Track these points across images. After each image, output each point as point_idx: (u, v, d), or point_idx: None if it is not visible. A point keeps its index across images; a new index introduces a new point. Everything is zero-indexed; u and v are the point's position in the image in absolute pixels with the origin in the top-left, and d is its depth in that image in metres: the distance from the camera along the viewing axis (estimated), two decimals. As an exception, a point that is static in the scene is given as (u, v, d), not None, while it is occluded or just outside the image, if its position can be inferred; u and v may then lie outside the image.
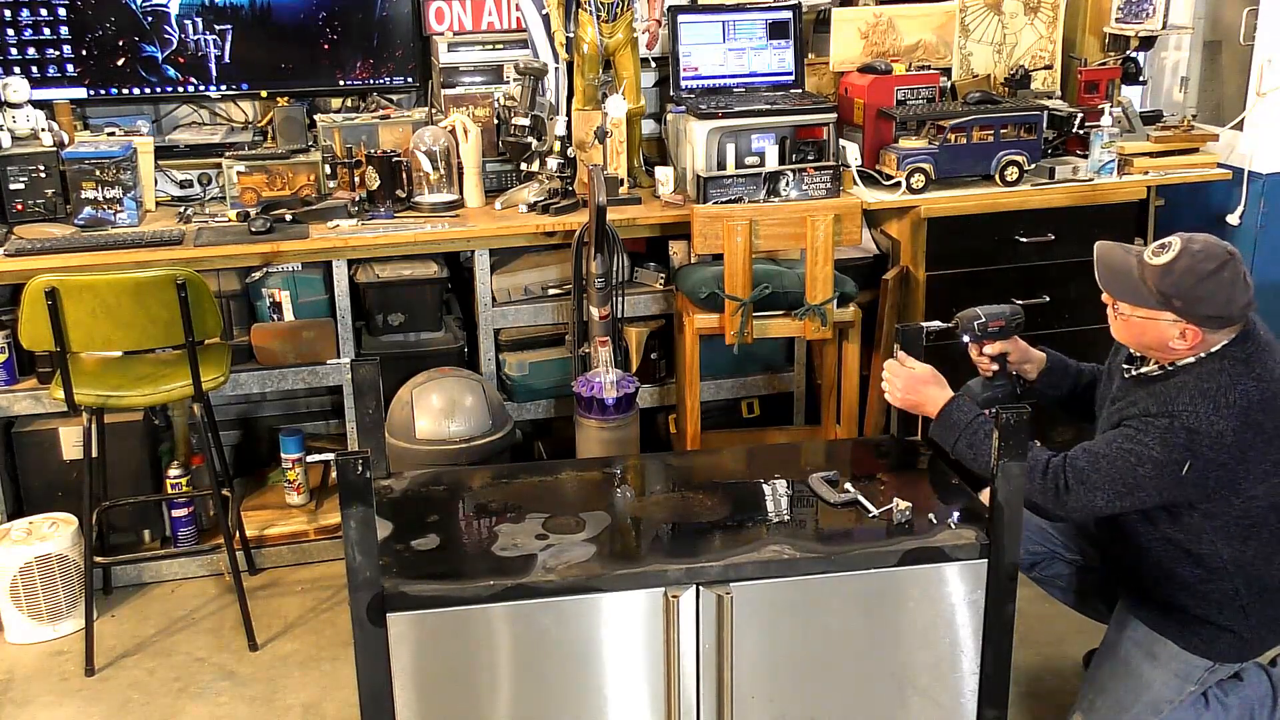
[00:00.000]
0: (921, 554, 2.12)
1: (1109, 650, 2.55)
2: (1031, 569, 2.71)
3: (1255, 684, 2.56)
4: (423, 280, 3.57)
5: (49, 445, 3.43)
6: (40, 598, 3.24)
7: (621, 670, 2.10)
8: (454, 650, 2.05)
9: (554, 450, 3.79)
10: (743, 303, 3.32)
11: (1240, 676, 2.54)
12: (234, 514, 3.47)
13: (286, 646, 3.24)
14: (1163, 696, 2.47)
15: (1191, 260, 2.24)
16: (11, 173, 3.45)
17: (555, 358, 3.69)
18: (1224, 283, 2.23)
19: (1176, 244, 2.27)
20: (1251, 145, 3.88)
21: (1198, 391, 2.24)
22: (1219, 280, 2.23)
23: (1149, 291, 2.27)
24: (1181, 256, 2.25)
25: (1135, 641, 2.49)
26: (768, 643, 2.12)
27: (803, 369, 3.94)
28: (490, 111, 3.80)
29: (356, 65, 3.86)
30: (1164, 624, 2.45)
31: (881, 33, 3.91)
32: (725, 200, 3.53)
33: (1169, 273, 2.25)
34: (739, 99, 3.78)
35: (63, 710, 3.00)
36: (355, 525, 1.93)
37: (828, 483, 2.33)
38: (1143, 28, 3.93)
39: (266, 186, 3.61)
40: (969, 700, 2.22)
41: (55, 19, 3.63)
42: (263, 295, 3.54)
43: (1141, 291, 2.28)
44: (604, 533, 2.17)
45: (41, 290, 2.90)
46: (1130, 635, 2.50)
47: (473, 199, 3.66)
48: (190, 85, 3.77)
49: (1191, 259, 2.24)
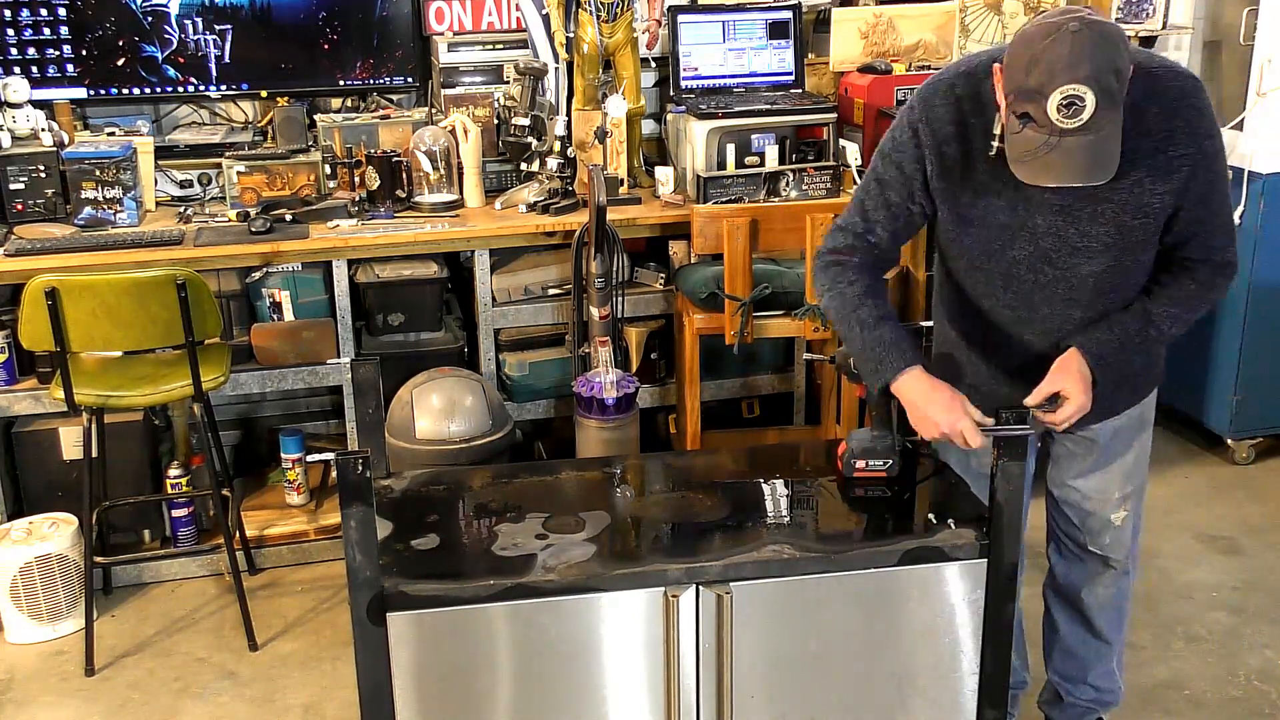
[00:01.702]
0: (921, 554, 2.12)
1: (1110, 459, 2.45)
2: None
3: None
4: (423, 280, 3.57)
5: (49, 445, 3.43)
6: (40, 598, 3.24)
7: (621, 670, 2.10)
8: (454, 650, 2.04)
9: (554, 450, 3.79)
10: (743, 303, 3.32)
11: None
12: (234, 514, 3.47)
13: (286, 646, 3.24)
14: (1148, 446, 2.48)
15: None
16: (11, 173, 3.45)
17: (555, 358, 3.69)
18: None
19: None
20: (1251, 145, 3.88)
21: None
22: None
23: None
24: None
25: (1126, 430, 2.43)
26: (768, 642, 2.12)
27: (803, 369, 3.94)
28: (490, 111, 3.80)
29: (356, 65, 3.86)
30: (1132, 389, 2.39)
31: (881, 33, 3.91)
32: (725, 200, 3.53)
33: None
34: (739, 99, 3.78)
35: (63, 710, 3.00)
36: (355, 525, 1.93)
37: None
38: (1143, 28, 3.93)
39: (266, 186, 3.61)
40: (969, 700, 2.22)
41: (55, 19, 3.63)
42: (263, 295, 3.54)
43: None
44: (604, 532, 2.17)
45: (41, 290, 2.90)
46: (1121, 430, 2.42)
47: (473, 199, 3.66)
48: (190, 85, 3.78)
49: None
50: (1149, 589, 3.42)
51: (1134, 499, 2.49)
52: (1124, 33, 1.95)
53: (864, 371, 2.26)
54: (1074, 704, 2.69)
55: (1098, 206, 2.12)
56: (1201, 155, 2.09)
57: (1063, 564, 2.61)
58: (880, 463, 2.33)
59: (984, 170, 2.14)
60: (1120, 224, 2.13)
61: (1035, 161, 1.95)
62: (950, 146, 2.15)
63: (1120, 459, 2.44)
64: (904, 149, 2.20)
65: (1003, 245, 2.20)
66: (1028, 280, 2.22)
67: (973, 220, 2.20)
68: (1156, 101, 2.05)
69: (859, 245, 2.26)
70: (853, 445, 2.34)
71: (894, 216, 2.24)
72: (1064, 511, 2.53)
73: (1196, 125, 2.08)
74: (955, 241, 2.26)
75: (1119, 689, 2.69)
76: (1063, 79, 1.87)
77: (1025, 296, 2.24)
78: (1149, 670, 3.10)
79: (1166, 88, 2.07)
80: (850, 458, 2.34)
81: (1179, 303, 2.22)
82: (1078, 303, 2.22)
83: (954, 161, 2.16)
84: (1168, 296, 2.23)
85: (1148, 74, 2.03)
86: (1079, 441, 2.43)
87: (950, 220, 2.23)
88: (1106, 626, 2.60)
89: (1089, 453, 2.44)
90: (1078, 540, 2.54)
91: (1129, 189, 2.09)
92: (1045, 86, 1.88)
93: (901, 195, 2.22)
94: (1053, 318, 2.25)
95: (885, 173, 2.23)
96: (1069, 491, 2.49)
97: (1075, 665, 2.66)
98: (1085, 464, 2.45)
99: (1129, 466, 2.45)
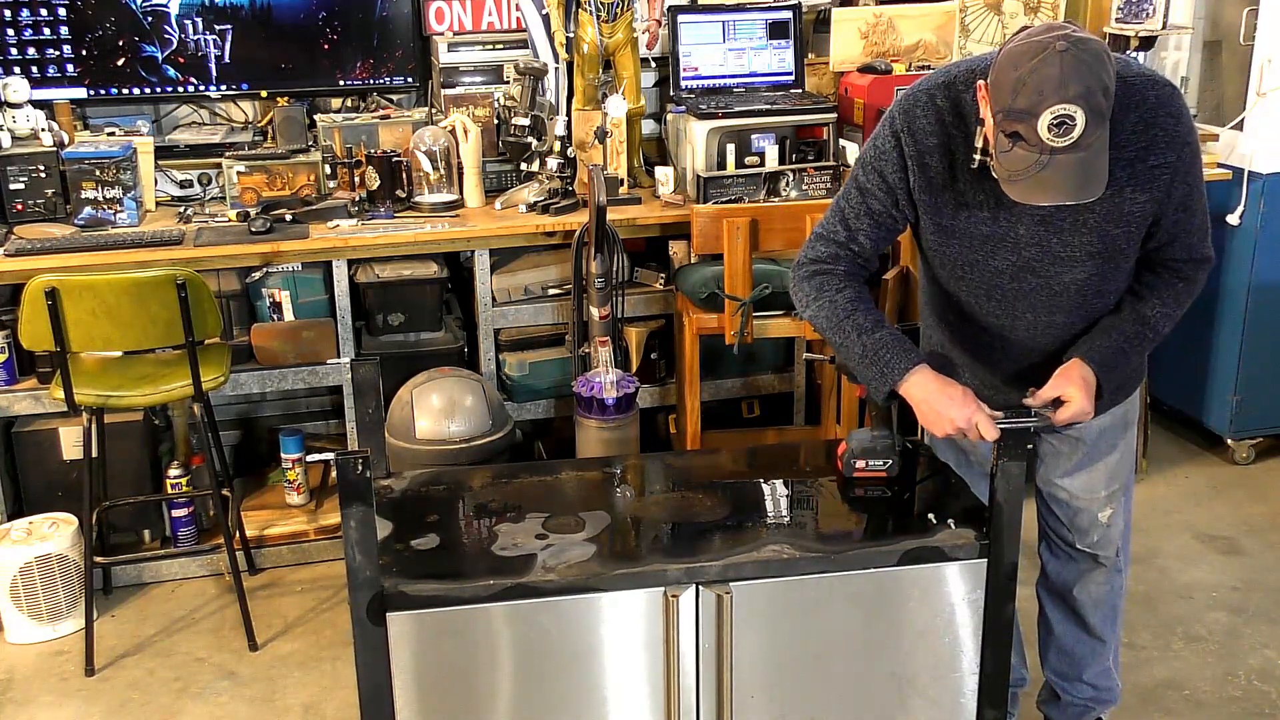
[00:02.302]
0: (921, 554, 2.12)
1: (1096, 457, 2.46)
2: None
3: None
4: (423, 280, 3.57)
5: (49, 445, 3.43)
6: (40, 598, 3.24)
7: (621, 670, 2.10)
8: (454, 650, 2.05)
9: (554, 450, 3.79)
10: (743, 303, 3.32)
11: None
12: (234, 514, 3.47)
13: (286, 646, 3.24)
14: (1133, 445, 2.51)
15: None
16: (11, 173, 3.45)
17: (555, 358, 3.69)
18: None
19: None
20: (1251, 145, 3.88)
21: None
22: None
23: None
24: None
25: (1111, 429, 2.44)
26: (768, 642, 2.12)
27: (803, 369, 3.94)
28: (490, 111, 3.80)
29: (356, 65, 3.86)
30: (1120, 389, 2.38)
31: (881, 33, 3.91)
32: (725, 200, 3.53)
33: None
34: (739, 99, 3.78)
35: (63, 710, 3.00)
36: (355, 525, 1.93)
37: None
38: (1143, 28, 3.93)
39: (266, 186, 3.61)
40: (968, 700, 2.22)
41: (55, 19, 3.63)
42: (263, 295, 3.54)
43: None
44: (604, 532, 2.17)
45: (41, 290, 2.90)
46: (1106, 430, 2.43)
47: (473, 199, 3.66)
48: (190, 85, 3.78)
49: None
50: (1149, 589, 3.42)
51: (1121, 496, 2.50)
52: (1107, 47, 1.96)
53: (866, 378, 2.25)
54: (1072, 703, 2.69)
55: (1080, 216, 2.13)
56: (1180, 162, 2.11)
57: (1055, 562, 2.61)
58: (880, 463, 2.34)
59: (965, 181, 2.15)
60: (1103, 233, 2.15)
61: (1027, 180, 1.96)
62: (932, 158, 2.15)
63: (1105, 458, 2.46)
64: (886, 158, 2.19)
65: (985, 255, 2.21)
66: (1010, 289, 2.23)
67: (954, 231, 2.21)
68: (1134, 111, 2.07)
69: (842, 254, 2.27)
70: (853, 445, 2.34)
71: (876, 224, 2.25)
72: (1053, 510, 2.54)
73: (1174, 132, 2.09)
74: (937, 251, 2.27)
75: (1117, 687, 2.69)
76: (1052, 100, 1.88)
77: (1008, 304, 2.26)
78: (1148, 670, 3.10)
79: (1144, 97, 2.08)
80: (850, 458, 2.34)
81: (1169, 302, 2.25)
82: (1060, 309, 2.24)
83: (936, 173, 2.16)
84: (1159, 298, 2.25)
85: (1125, 83, 2.04)
86: (1065, 440, 2.44)
87: (932, 230, 2.24)
88: (1100, 624, 2.61)
89: (1074, 451, 2.45)
90: (1066, 539, 2.54)
91: (1110, 198, 2.10)
92: (1036, 107, 1.89)
93: (884, 204, 2.22)
94: (1036, 324, 2.26)
95: (867, 181, 2.23)
96: (1057, 490, 2.50)
97: (1070, 663, 2.66)
98: (1071, 462, 2.46)
99: (1114, 465, 2.47)
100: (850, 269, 2.27)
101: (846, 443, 2.36)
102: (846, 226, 2.26)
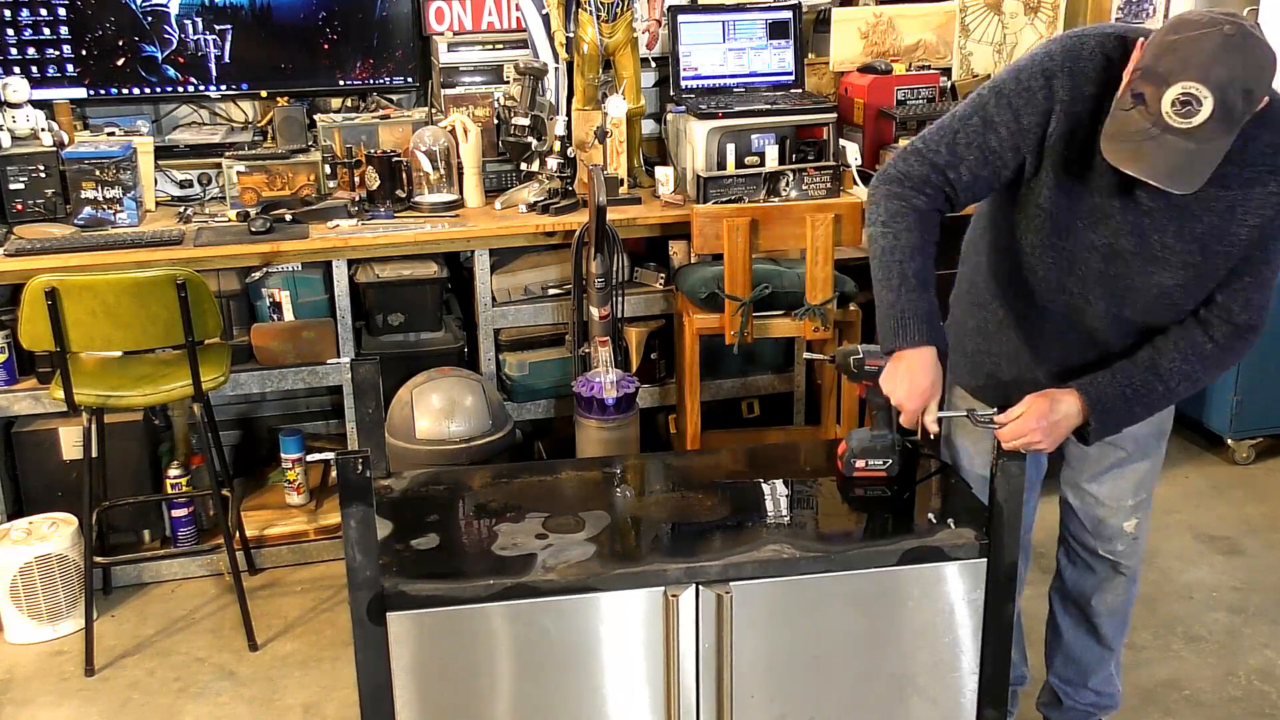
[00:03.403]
0: (921, 553, 2.12)
1: (1127, 464, 2.40)
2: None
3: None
4: (423, 280, 3.57)
5: (49, 445, 3.43)
6: (40, 598, 3.24)
7: (621, 670, 2.10)
8: (454, 650, 2.05)
9: (554, 450, 3.79)
10: (743, 303, 3.32)
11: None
12: (234, 514, 3.47)
13: (286, 646, 3.24)
14: (1162, 457, 2.45)
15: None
16: (11, 173, 3.45)
17: (555, 358, 3.69)
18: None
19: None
20: (1251, 145, 3.87)
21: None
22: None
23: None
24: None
25: (1146, 438, 2.38)
26: (767, 642, 2.12)
27: (803, 369, 3.94)
28: (490, 111, 3.80)
29: (356, 65, 3.86)
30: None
31: (881, 33, 3.92)
32: (725, 200, 3.53)
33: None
34: (739, 99, 3.78)
35: (62, 710, 3.00)
36: (355, 525, 1.93)
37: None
38: (1143, 27, 3.92)
39: (266, 186, 3.61)
40: (968, 700, 2.22)
41: (55, 19, 3.63)
42: (263, 295, 3.54)
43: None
44: (604, 532, 2.17)
45: (41, 290, 2.90)
46: (1142, 438, 2.37)
47: (473, 199, 3.66)
48: (190, 85, 3.78)
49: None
50: (1149, 589, 3.41)
51: (1145, 508, 2.47)
52: (1277, 60, 1.85)
53: (881, 325, 2.13)
54: (1073, 708, 2.68)
55: (1186, 223, 2.01)
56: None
57: (1072, 570, 2.58)
58: (880, 462, 2.34)
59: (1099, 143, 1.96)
60: (1205, 246, 2.02)
61: (1128, 145, 1.85)
62: (1083, 107, 1.97)
63: (1136, 464, 2.41)
64: (1028, 96, 2.00)
65: (1086, 225, 2.06)
66: (1096, 270, 2.09)
67: (1073, 191, 2.04)
68: (1271, 132, 1.95)
69: (934, 179, 2.08)
70: (853, 445, 2.34)
71: (984, 162, 2.05)
72: (1076, 515, 2.50)
73: None
74: (1041, 211, 2.09)
75: (1118, 692, 2.69)
76: (1192, 74, 1.78)
77: (1087, 286, 2.12)
78: (1149, 670, 3.10)
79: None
80: (850, 457, 2.34)
81: (1192, 360, 2.12)
82: (1136, 306, 2.12)
83: (1080, 125, 1.98)
84: (1180, 353, 2.12)
85: (1271, 104, 1.93)
86: (1098, 444, 2.33)
87: (1051, 185, 2.05)
88: (1111, 633, 2.60)
89: (1105, 455, 2.39)
90: (1088, 545, 2.51)
91: (1221, 213, 1.99)
92: (1172, 75, 1.80)
93: (1005, 144, 2.03)
94: (1105, 314, 2.14)
95: (997, 114, 2.02)
96: (1082, 494, 2.46)
97: (1078, 671, 2.65)
98: (1100, 466, 2.42)
99: (1143, 473, 2.43)
100: (932, 203, 2.09)
101: (846, 442, 2.36)
102: (953, 152, 2.06)
